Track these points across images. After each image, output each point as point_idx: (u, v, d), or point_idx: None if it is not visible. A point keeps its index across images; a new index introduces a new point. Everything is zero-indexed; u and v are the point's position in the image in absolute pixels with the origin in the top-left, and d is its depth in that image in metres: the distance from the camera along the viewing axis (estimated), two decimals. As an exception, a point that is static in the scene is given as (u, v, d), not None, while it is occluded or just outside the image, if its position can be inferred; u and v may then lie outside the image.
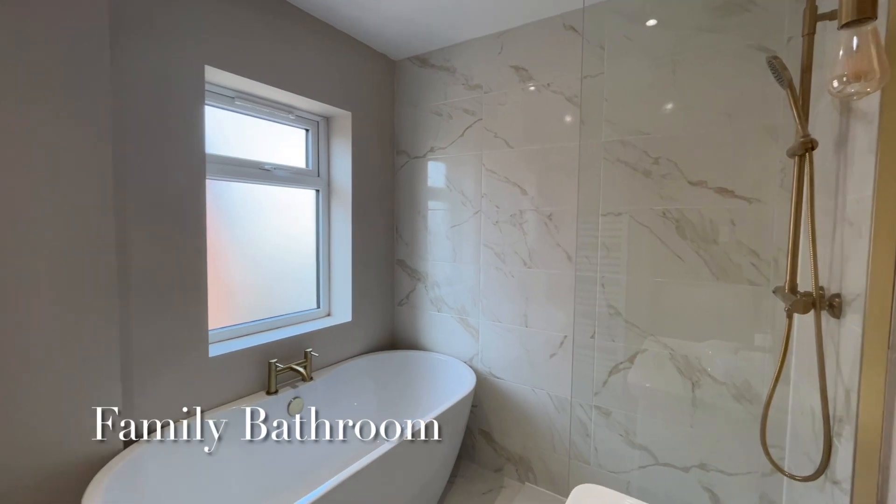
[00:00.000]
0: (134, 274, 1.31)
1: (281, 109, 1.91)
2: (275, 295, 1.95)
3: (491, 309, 2.03)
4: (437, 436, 1.55)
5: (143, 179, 1.32)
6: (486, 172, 2.01)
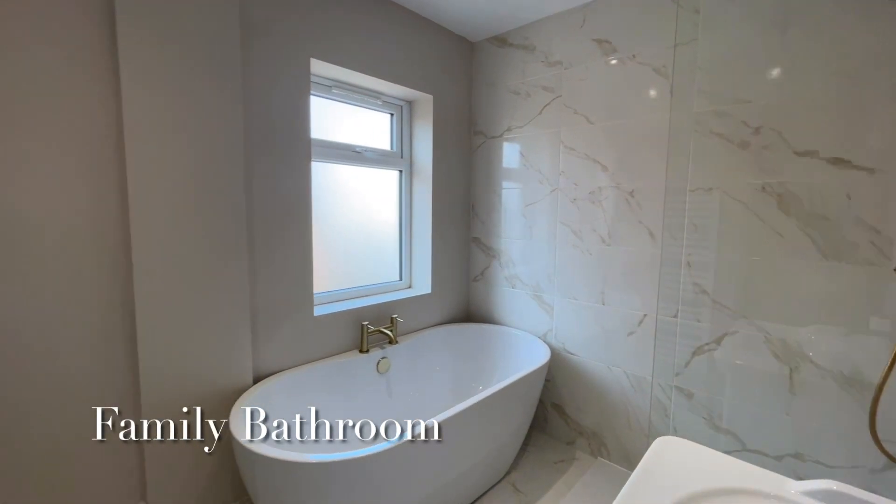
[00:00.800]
0: (257, 242, 1.54)
1: (370, 95, 2.07)
2: (362, 266, 2.16)
3: (566, 286, 2.05)
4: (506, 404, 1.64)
5: (263, 162, 1.54)
6: (565, 150, 2.01)
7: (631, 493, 0.63)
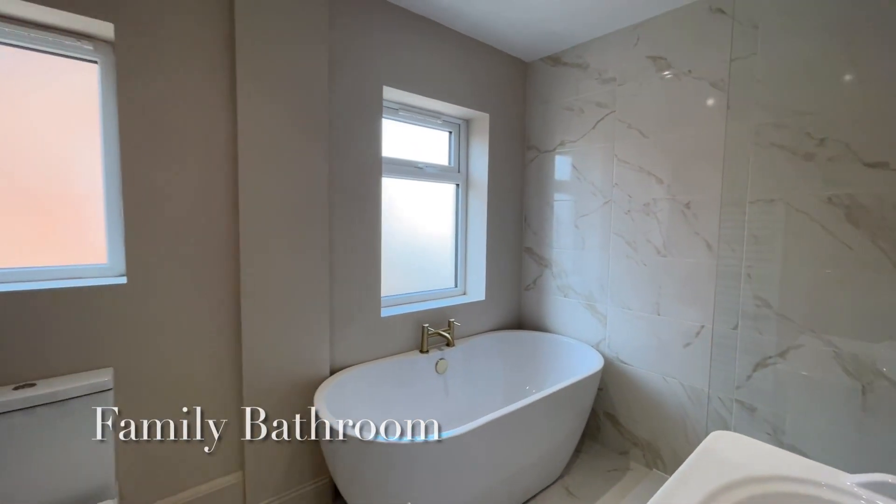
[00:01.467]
0: (336, 248, 1.74)
1: (431, 116, 2.25)
2: (421, 273, 2.31)
3: (620, 296, 2.08)
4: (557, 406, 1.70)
5: (342, 176, 1.75)
6: (618, 163, 2.06)
7: (683, 477, 0.70)
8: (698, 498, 0.63)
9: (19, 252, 1.27)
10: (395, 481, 1.32)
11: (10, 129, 1.23)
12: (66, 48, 1.28)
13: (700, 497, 0.63)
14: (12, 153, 1.24)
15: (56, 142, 1.30)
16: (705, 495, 0.64)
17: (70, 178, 1.33)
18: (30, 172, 1.27)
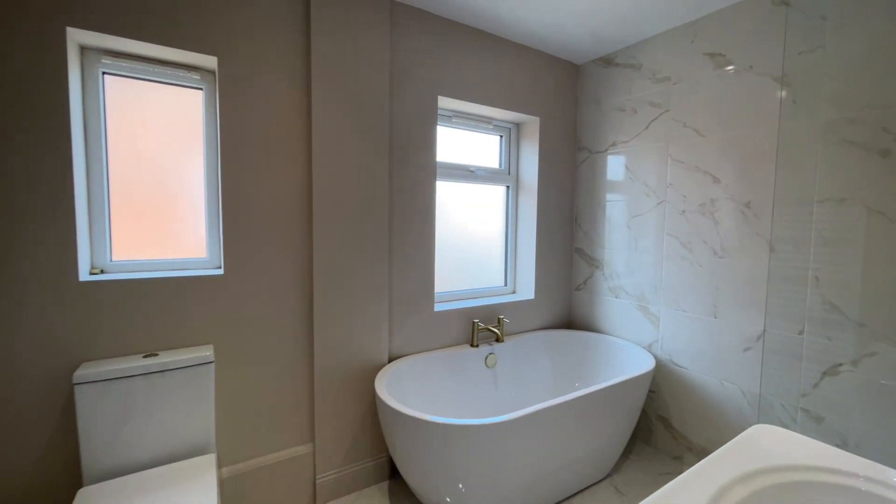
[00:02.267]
0: (394, 246, 1.90)
1: (483, 121, 2.35)
2: (471, 272, 2.42)
3: (674, 297, 2.05)
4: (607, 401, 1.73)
5: (400, 180, 1.91)
6: (673, 163, 2.03)
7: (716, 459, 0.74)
8: (728, 478, 0.68)
9: (142, 247, 1.55)
10: (448, 461, 1.43)
11: (136, 147, 1.51)
12: (180, 79, 1.55)
13: (730, 478, 0.68)
14: (137, 166, 1.52)
15: (169, 157, 1.57)
16: (735, 477, 0.68)
17: (178, 186, 1.59)
18: (149, 181, 1.54)
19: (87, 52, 1.39)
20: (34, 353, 1.25)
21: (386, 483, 1.86)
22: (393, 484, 1.85)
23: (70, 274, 1.29)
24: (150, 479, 1.23)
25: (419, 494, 1.62)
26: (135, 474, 1.25)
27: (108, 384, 1.24)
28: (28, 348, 1.24)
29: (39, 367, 1.26)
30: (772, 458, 0.73)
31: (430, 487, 1.53)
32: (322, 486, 1.71)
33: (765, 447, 0.77)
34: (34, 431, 1.26)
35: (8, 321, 1.22)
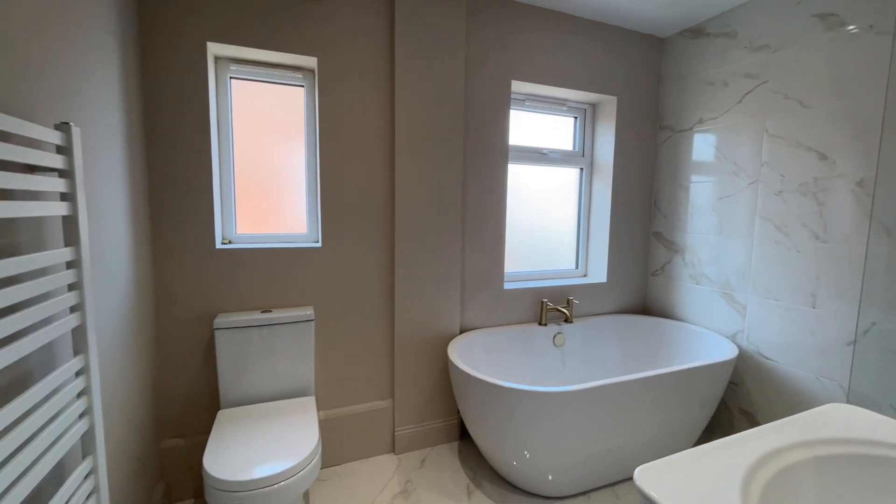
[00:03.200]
0: (467, 226, 2.03)
1: (557, 103, 2.35)
2: (541, 254, 2.45)
3: (765, 285, 1.91)
4: (688, 388, 1.68)
5: (474, 163, 2.01)
6: (770, 139, 1.87)
7: (780, 425, 0.74)
8: (787, 441, 0.69)
9: (257, 223, 1.85)
10: (516, 426, 1.54)
11: (251, 140, 1.80)
12: (286, 78, 1.81)
13: (789, 441, 0.69)
14: (252, 156, 1.81)
15: (276, 147, 1.84)
16: (797, 441, 0.69)
17: (284, 172, 1.86)
18: (261, 169, 1.83)
19: (219, 61, 1.69)
20: (188, 302, 1.59)
21: (456, 443, 2.03)
22: (462, 444, 2.01)
23: (209, 242, 1.61)
24: (268, 409, 1.51)
25: (488, 456, 1.75)
26: (257, 404, 1.55)
27: (238, 331, 1.54)
28: (183, 298, 1.59)
29: (190, 314, 1.60)
30: (843, 431, 0.72)
31: (498, 450, 1.65)
32: (400, 437, 1.93)
33: (839, 420, 0.76)
34: (188, 362, 1.61)
35: (170, 277, 1.57)
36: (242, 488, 1.15)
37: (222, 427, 1.39)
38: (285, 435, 1.36)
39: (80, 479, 0.87)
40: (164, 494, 1.57)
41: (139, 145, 1.44)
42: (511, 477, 1.70)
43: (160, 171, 1.53)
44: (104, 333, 1.14)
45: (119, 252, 1.25)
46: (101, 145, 1.16)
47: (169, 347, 1.59)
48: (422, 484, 1.73)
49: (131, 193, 1.36)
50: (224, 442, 1.31)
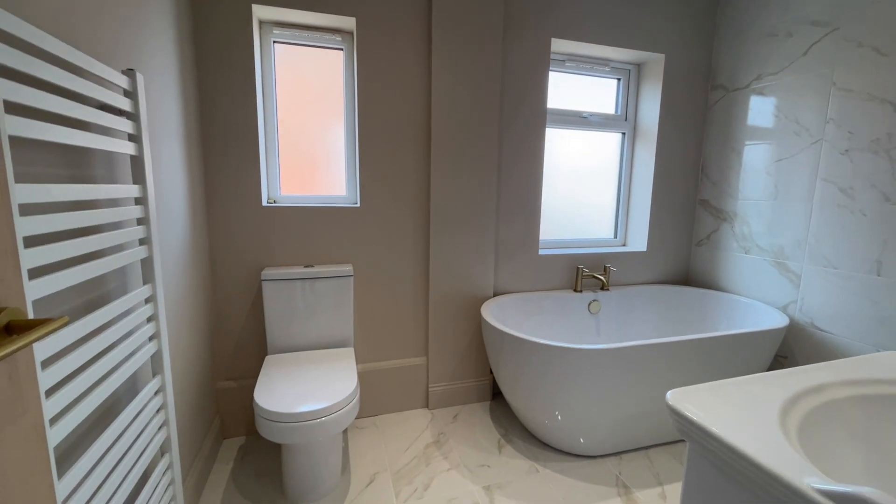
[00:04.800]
0: (502, 189, 2.01)
1: (599, 64, 2.25)
2: (578, 222, 2.40)
3: (823, 252, 1.78)
4: (731, 355, 1.62)
5: (510, 126, 1.98)
6: (838, 92, 1.71)
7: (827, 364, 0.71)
8: (836, 378, 0.66)
9: (300, 185, 1.93)
10: (549, 385, 1.55)
11: (297, 105, 1.86)
12: (326, 41, 1.84)
13: (838, 378, 0.66)
14: (297, 120, 1.87)
15: (317, 111, 1.89)
16: (845, 380, 0.66)
17: (324, 136, 1.92)
18: (303, 132, 1.90)
19: (263, 25, 1.75)
20: (238, 254, 1.70)
21: (488, 402, 2.07)
22: (494, 404, 2.06)
23: (256, 200, 1.70)
24: (311, 356, 1.61)
25: (519, 414, 1.78)
26: (301, 352, 1.65)
27: (283, 283, 1.64)
28: (235, 250, 1.70)
29: (241, 265, 1.72)
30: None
31: (530, 409, 1.67)
32: (433, 393, 2.00)
33: (893, 366, 0.72)
34: (239, 310, 1.74)
35: (223, 228, 1.68)
36: (290, 420, 1.24)
37: (270, 369, 1.50)
38: (327, 378, 1.44)
39: (151, 394, 0.98)
40: (221, 430, 1.73)
41: (193, 100, 1.53)
42: (542, 435, 1.73)
43: (212, 129, 1.62)
44: (168, 269, 1.25)
45: (177, 197, 1.35)
46: (160, 96, 1.24)
47: (222, 294, 1.71)
48: (454, 436, 1.79)
49: (186, 145, 1.45)
50: (272, 382, 1.41)
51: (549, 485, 1.51)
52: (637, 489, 1.50)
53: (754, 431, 0.53)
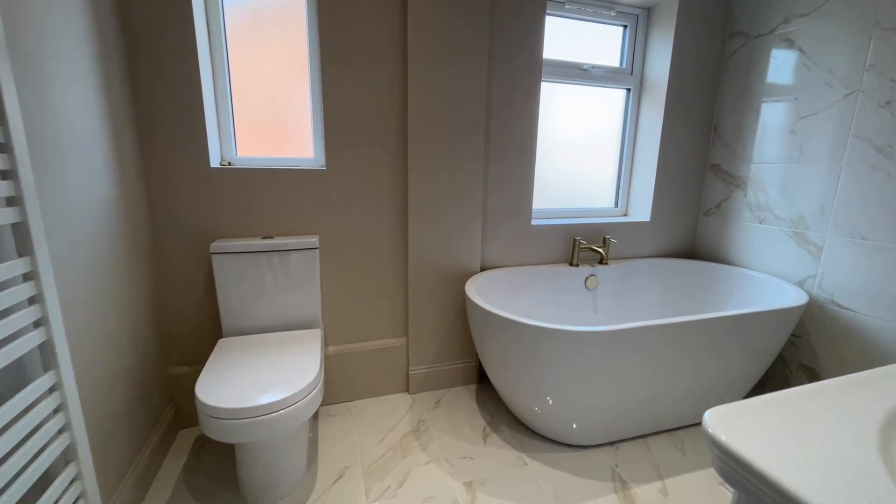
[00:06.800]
0: (490, 151, 1.78)
1: (603, 6, 1.97)
2: (574, 190, 2.17)
3: (850, 220, 1.58)
4: (744, 336, 1.45)
5: (500, 78, 1.73)
6: (882, 33, 1.46)
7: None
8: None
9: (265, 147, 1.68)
10: (538, 370, 1.37)
11: (255, 59, 1.59)
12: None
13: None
14: (256, 76, 1.61)
15: (280, 67, 1.63)
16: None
17: (288, 93, 1.66)
18: (265, 89, 1.64)
19: (205, -51, 1.46)
20: (186, 226, 1.48)
21: (474, 386, 1.91)
22: (480, 388, 1.90)
23: (203, 162, 1.46)
24: (271, 339, 1.42)
25: (507, 400, 1.62)
26: (259, 334, 1.46)
27: (236, 257, 1.43)
28: (181, 222, 1.48)
29: (189, 239, 1.50)
30: None
31: (518, 394, 1.51)
32: (414, 377, 1.83)
33: None
34: (190, 289, 1.54)
35: (164, 199, 1.45)
36: (237, 416, 1.06)
37: (221, 355, 1.31)
38: (286, 364, 1.26)
39: (41, 393, 0.78)
40: (175, 419, 1.56)
41: (111, 27, 1.27)
42: (531, 423, 1.57)
43: (143, 74, 1.36)
44: (74, 236, 1.04)
45: (87, 145, 1.12)
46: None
47: (168, 269, 1.50)
48: (435, 424, 1.64)
49: (104, 82, 1.20)
50: (221, 370, 1.23)
51: (537, 480, 1.36)
52: (635, 484, 1.35)
53: (846, 480, 0.34)
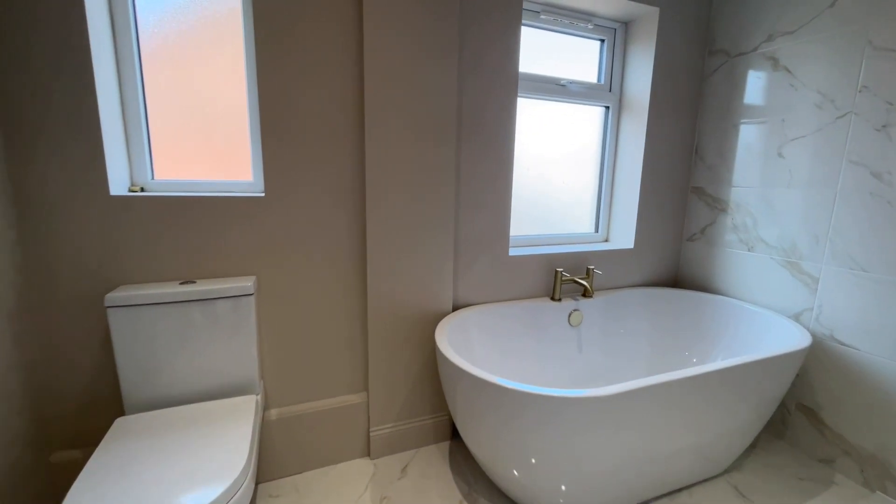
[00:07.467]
0: (462, 174, 1.56)
1: (581, 19, 1.83)
2: (551, 215, 2.00)
3: (849, 251, 1.47)
4: (750, 385, 1.28)
5: (472, 95, 1.52)
6: (875, 54, 1.37)
7: None
8: None
9: (189, 167, 1.39)
10: (517, 433, 1.14)
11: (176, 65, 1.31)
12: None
13: None
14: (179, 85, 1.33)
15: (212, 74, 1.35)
16: None
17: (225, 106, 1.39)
18: (194, 100, 1.36)
19: (107, -73, 1.18)
20: (70, 273, 1.16)
21: (447, 443, 1.65)
22: (454, 445, 1.64)
23: (99, 189, 1.15)
24: (185, 415, 1.11)
25: (482, 463, 1.38)
26: (172, 408, 1.15)
27: (142, 310, 1.12)
28: (65, 268, 1.15)
29: (77, 289, 1.17)
30: None
31: (495, 458, 1.26)
32: (376, 438, 1.55)
33: None
34: (81, 355, 1.20)
35: (41, 240, 1.13)
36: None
37: (113, 443, 0.99)
38: (202, 455, 0.96)
39: None
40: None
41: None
42: (512, 492, 1.33)
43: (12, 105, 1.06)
44: None
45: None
46: None
47: (55, 337, 1.17)
48: (402, 500, 1.36)
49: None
50: (107, 468, 0.91)
51: (526, 575, 1.12)
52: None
53: None
